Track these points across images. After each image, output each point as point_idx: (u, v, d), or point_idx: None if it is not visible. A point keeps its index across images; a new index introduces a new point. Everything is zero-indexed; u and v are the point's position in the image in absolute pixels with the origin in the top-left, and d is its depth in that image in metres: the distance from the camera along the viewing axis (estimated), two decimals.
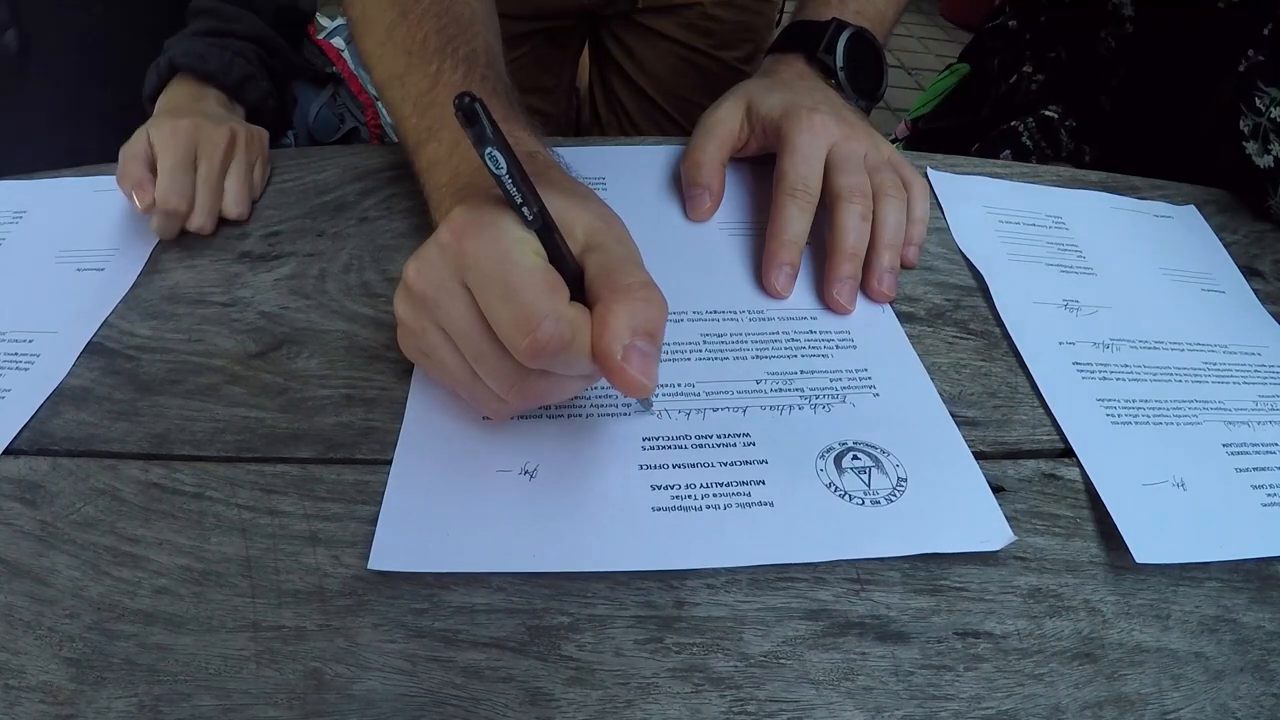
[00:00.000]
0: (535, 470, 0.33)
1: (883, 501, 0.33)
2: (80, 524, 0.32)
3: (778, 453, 0.35)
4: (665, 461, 0.34)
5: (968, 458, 0.35)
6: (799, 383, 0.38)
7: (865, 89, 0.51)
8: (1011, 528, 0.33)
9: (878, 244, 0.43)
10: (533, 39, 0.84)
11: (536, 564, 0.30)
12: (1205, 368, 0.41)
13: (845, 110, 0.48)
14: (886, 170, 0.45)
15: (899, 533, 0.32)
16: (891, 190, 0.44)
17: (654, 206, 0.48)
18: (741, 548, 0.31)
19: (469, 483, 0.33)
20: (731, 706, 0.28)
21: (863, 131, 0.46)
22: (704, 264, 0.44)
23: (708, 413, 0.36)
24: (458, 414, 0.36)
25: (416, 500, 0.32)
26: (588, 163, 0.50)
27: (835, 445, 0.35)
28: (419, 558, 0.30)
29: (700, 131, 0.49)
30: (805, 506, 0.33)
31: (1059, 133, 0.65)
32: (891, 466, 0.34)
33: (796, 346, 0.40)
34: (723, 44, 0.83)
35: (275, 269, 0.44)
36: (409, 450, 0.34)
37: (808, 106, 0.45)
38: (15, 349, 0.39)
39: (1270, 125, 0.50)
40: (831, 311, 0.42)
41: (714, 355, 0.39)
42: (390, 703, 0.28)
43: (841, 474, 0.34)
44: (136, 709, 0.27)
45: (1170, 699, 0.29)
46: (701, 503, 0.33)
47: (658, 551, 0.31)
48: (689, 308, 0.41)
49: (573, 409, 0.36)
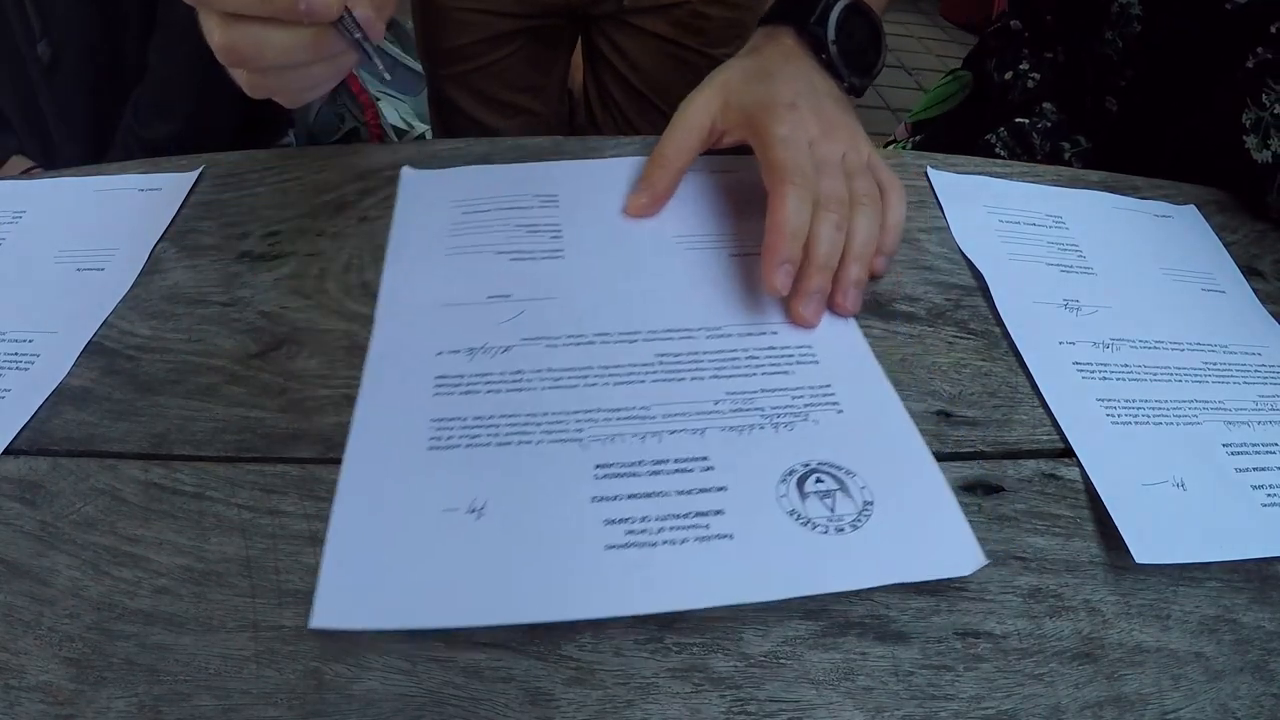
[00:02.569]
0: (483, 507, 0.32)
1: (847, 529, 0.32)
2: (80, 524, 0.32)
3: (737, 477, 0.33)
4: (619, 492, 0.33)
5: (936, 474, 0.34)
6: (759, 401, 0.37)
7: (859, 65, 0.49)
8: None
9: (846, 256, 0.41)
10: (521, 37, 0.83)
11: (486, 617, 0.29)
12: (1205, 368, 0.41)
13: (827, 102, 0.46)
14: (863, 176, 0.44)
15: (865, 563, 0.31)
16: (865, 199, 0.43)
17: (608, 224, 0.46)
18: (701, 588, 0.30)
19: (414, 526, 0.31)
20: (731, 706, 0.28)
21: (842, 130, 0.45)
22: (660, 281, 0.43)
23: (664, 435, 0.35)
24: (402, 445, 0.34)
25: (360, 549, 0.30)
26: (540, 181, 0.49)
27: (798, 467, 0.34)
28: (364, 614, 0.29)
29: (670, 127, 0.47)
30: (766, 538, 0.31)
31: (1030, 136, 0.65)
32: (857, 489, 0.33)
33: (756, 364, 0.38)
34: (714, 42, 0.83)
35: (275, 269, 0.44)
36: (351, 492, 0.32)
37: (785, 103, 0.44)
38: (15, 349, 0.39)
39: (1272, 120, 0.50)
40: (794, 326, 0.41)
41: (670, 376, 0.38)
42: (390, 703, 0.28)
43: (804, 499, 0.33)
44: (136, 709, 0.27)
45: (1170, 699, 0.29)
46: (658, 538, 0.31)
47: (613, 597, 0.29)
48: (644, 327, 0.40)
49: (523, 435, 0.35)
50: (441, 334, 0.39)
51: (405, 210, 0.47)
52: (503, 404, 0.36)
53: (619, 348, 0.39)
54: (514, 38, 0.83)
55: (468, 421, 0.35)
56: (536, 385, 0.37)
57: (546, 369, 0.38)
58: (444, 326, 0.40)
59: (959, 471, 0.35)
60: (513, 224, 0.46)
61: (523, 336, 0.39)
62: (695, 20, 0.81)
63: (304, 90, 0.37)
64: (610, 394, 0.37)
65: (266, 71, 0.35)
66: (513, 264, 0.43)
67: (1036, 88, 0.67)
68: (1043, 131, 0.65)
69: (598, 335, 0.39)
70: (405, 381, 0.37)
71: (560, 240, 0.45)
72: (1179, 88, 0.57)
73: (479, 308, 0.41)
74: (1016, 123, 0.66)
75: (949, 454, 0.36)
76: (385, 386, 0.37)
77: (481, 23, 0.81)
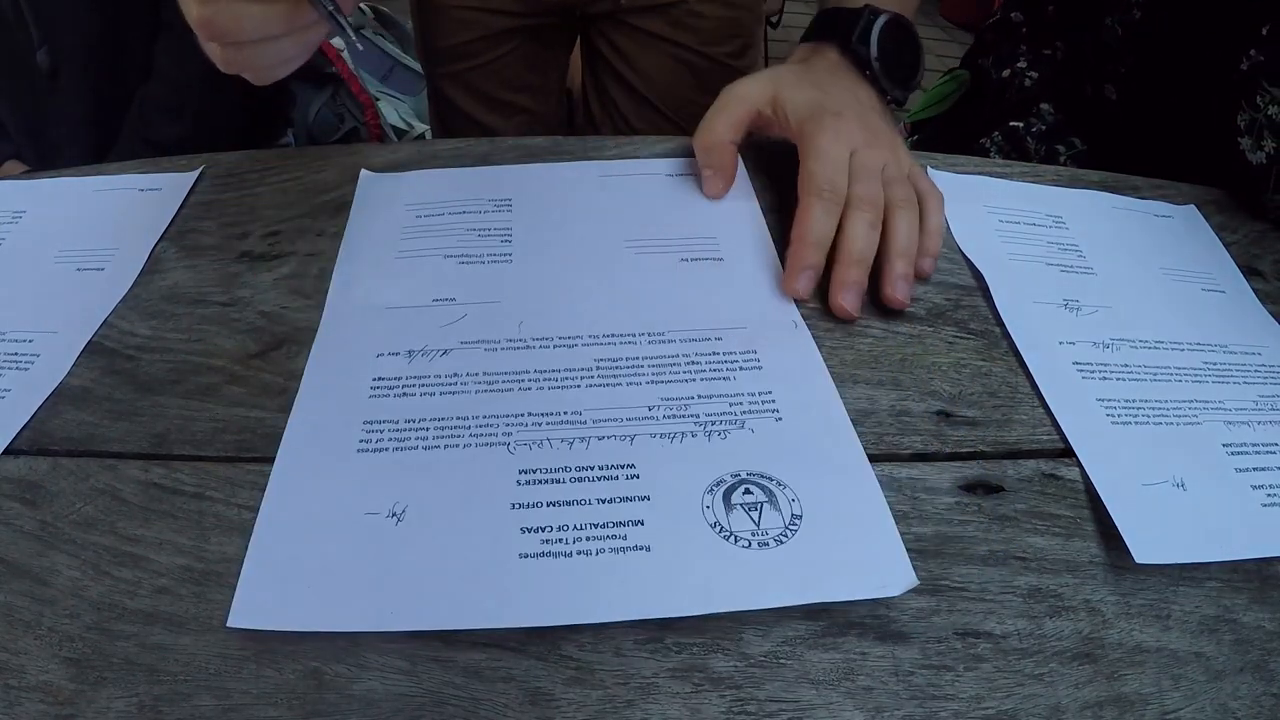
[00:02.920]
0: (404, 512, 0.31)
1: (772, 544, 0.31)
2: (80, 524, 0.32)
3: (662, 487, 0.33)
4: (540, 499, 0.32)
5: (873, 486, 0.33)
6: (695, 408, 0.36)
7: (901, 78, 0.50)
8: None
9: (890, 252, 0.43)
10: (519, 35, 0.84)
11: (397, 622, 0.29)
12: (1205, 368, 0.41)
13: (872, 115, 0.47)
14: (901, 184, 0.45)
15: (787, 581, 0.30)
16: (903, 203, 0.44)
17: (557, 227, 0.46)
18: (611, 600, 0.29)
19: (336, 530, 0.31)
20: (731, 706, 0.28)
21: (885, 140, 0.46)
22: (607, 285, 0.42)
23: (592, 441, 0.34)
24: (332, 447, 0.34)
25: (282, 551, 0.31)
26: (494, 185, 0.49)
27: (726, 478, 0.33)
28: (280, 615, 0.29)
29: (715, 107, 0.48)
30: (685, 551, 0.31)
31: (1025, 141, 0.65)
32: (786, 502, 0.32)
33: (696, 369, 0.38)
34: (711, 40, 0.83)
35: (275, 269, 0.44)
36: (278, 493, 0.32)
37: (833, 111, 0.45)
38: (15, 349, 0.39)
39: (1265, 121, 0.50)
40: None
41: (606, 381, 0.37)
42: (390, 703, 0.28)
43: (729, 511, 0.32)
44: (136, 709, 0.27)
45: (1170, 699, 0.29)
46: (573, 548, 0.30)
47: (522, 607, 0.29)
48: (584, 332, 0.39)
49: (450, 439, 0.34)
50: (383, 336, 0.39)
51: (360, 214, 0.47)
52: (435, 407, 0.36)
53: (558, 352, 0.38)
54: (512, 36, 0.83)
55: (398, 424, 0.35)
56: (470, 389, 0.37)
57: (482, 373, 0.37)
58: (386, 329, 0.40)
59: (959, 471, 0.35)
60: (464, 228, 0.46)
61: (462, 340, 0.39)
62: (692, 20, 0.81)
63: (274, 66, 0.37)
64: (543, 398, 0.36)
65: (242, 46, 0.36)
66: (460, 267, 0.43)
67: (1034, 86, 0.67)
68: (1038, 135, 0.65)
69: (537, 339, 0.39)
70: (343, 383, 0.37)
71: (510, 244, 0.45)
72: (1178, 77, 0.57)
73: (423, 310, 0.41)
74: (1011, 126, 0.66)
75: (949, 454, 0.36)
76: (323, 388, 0.37)
77: (479, 21, 0.82)
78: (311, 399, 0.36)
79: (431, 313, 0.40)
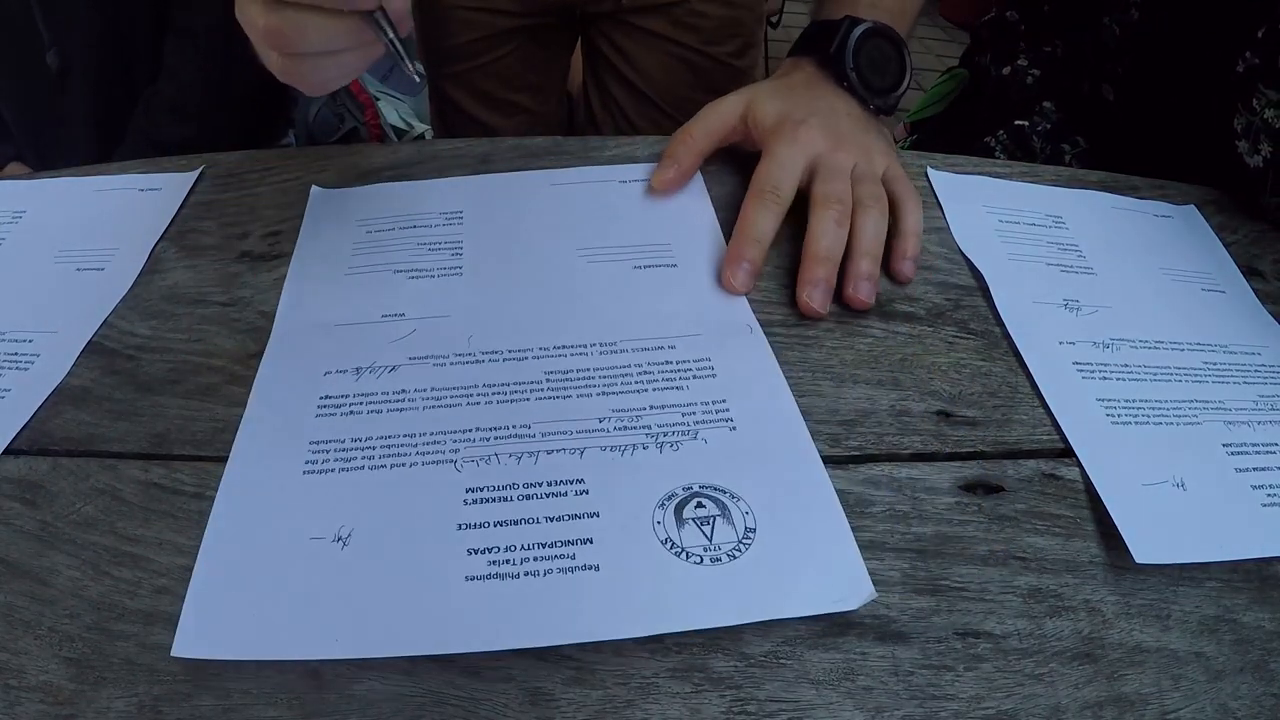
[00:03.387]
0: (349, 536, 0.31)
1: (724, 559, 0.30)
2: (80, 524, 0.32)
3: (612, 502, 0.32)
4: (486, 519, 0.31)
5: (829, 496, 0.33)
6: (647, 419, 0.35)
7: (880, 88, 0.50)
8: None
9: (855, 251, 0.43)
10: (519, 35, 0.84)
11: (344, 650, 0.28)
12: (1205, 368, 0.41)
13: (843, 120, 0.47)
14: (869, 183, 0.45)
15: (740, 597, 0.29)
16: (869, 201, 0.44)
17: (509, 238, 0.45)
18: (560, 623, 0.28)
19: (281, 555, 0.30)
20: (731, 706, 0.28)
21: (855, 143, 0.46)
22: (559, 296, 0.42)
23: (540, 456, 0.33)
24: (278, 469, 0.33)
25: (226, 577, 0.30)
26: (444, 196, 0.48)
27: (679, 491, 0.32)
28: (225, 644, 0.28)
29: (693, 118, 0.49)
30: (635, 569, 0.30)
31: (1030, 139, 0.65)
32: (740, 514, 0.32)
33: (649, 379, 0.37)
34: (712, 40, 0.83)
35: (275, 269, 0.44)
36: (223, 518, 0.32)
37: (796, 119, 0.46)
38: (15, 349, 0.39)
39: (1262, 125, 0.50)
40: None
41: (556, 394, 0.36)
42: (390, 703, 0.28)
43: (681, 526, 0.31)
44: (136, 709, 0.27)
45: (1170, 699, 0.29)
46: (520, 569, 0.30)
47: (467, 632, 0.28)
48: (534, 344, 0.39)
49: (397, 458, 0.34)
50: (331, 354, 0.38)
51: (310, 230, 0.46)
52: (382, 425, 0.35)
53: (507, 365, 0.38)
54: (513, 36, 0.84)
55: (345, 444, 0.34)
56: (419, 405, 0.36)
57: (430, 388, 0.37)
58: (334, 346, 0.39)
59: (959, 471, 0.35)
60: (414, 242, 0.45)
61: (410, 355, 0.38)
62: (692, 19, 0.81)
63: (332, 79, 0.37)
64: (491, 413, 0.35)
65: (303, 57, 0.35)
66: (410, 282, 0.43)
67: (1036, 84, 0.67)
68: (1043, 134, 0.65)
69: (486, 353, 0.38)
70: (289, 403, 0.36)
71: (460, 258, 0.44)
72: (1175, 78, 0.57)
73: (371, 327, 0.40)
74: (1016, 125, 0.66)
75: (949, 454, 0.36)
76: (269, 409, 0.36)
77: (480, 21, 0.82)
78: (257, 422, 0.35)
79: (380, 329, 0.40)
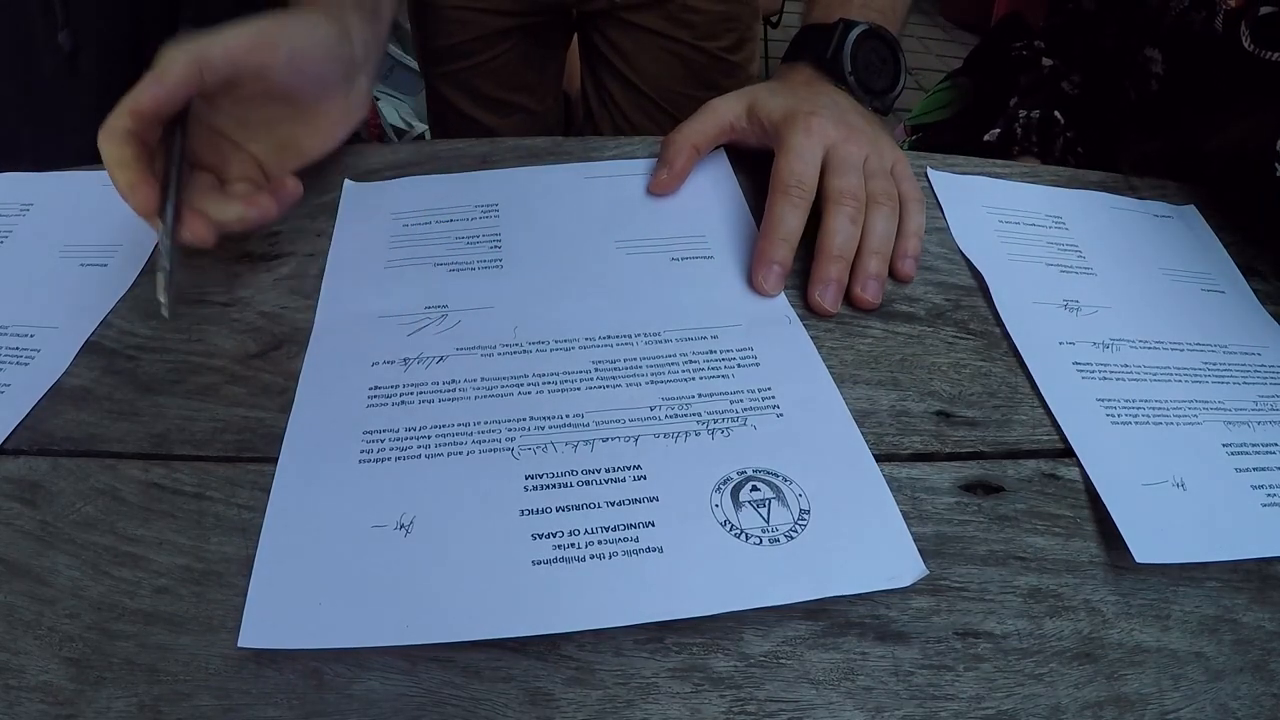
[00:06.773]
0: (411, 523, 0.31)
1: (782, 539, 0.31)
2: (80, 524, 0.32)
3: (670, 487, 0.33)
4: (548, 504, 0.32)
5: (878, 479, 0.34)
6: (696, 406, 0.36)
7: (879, 89, 0.50)
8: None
9: (864, 249, 0.43)
10: (515, 34, 0.84)
11: (411, 636, 0.28)
12: (1205, 368, 0.41)
13: (851, 114, 0.47)
14: (882, 178, 0.45)
15: (798, 575, 0.30)
16: (882, 198, 0.44)
17: (546, 231, 0.46)
18: (627, 604, 0.29)
19: (343, 543, 0.31)
20: (731, 706, 0.28)
21: (865, 135, 0.46)
22: (600, 287, 0.42)
23: (596, 444, 0.34)
24: (333, 459, 0.34)
25: (289, 568, 0.30)
26: (479, 191, 0.49)
27: (733, 475, 0.33)
28: (292, 633, 0.28)
29: (692, 117, 0.49)
30: (697, 550, 0.31)
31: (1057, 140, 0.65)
32: (794, 497, 0.32)
33: (695, 368, 0.38)
34: (706, 35, 0.83)
35: (275, 269, 0.44)
36: (281, 509, 0.32)
37: (806, 110, 0.46)
38: (17, 344, 0.39)
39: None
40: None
41: (606, 383, 0.37)
42: (390, 703, 0.28)
43: (739, 509, 0.32)
44: (136, 709, 0.27)
45: (1170, 699, 0.29)
46: (585, 552, 0.30)
47: (537, 614, 0.29)
48: (580, 334, 0.39)
49: (453, 446, 0.34)
50: (377, 345, 0.39)
51: (345, 224, 0.47)
52: (435, 414, 0.35)
53: (555, 355, 0.38)
54: (508, 35, 0.84)
55: (399, 433, 0.35)
56: (470, 395, 0.36)
57: (480, 378, 0.37)
58: (380, 337, 0.39)
59: (959, 471, 0.35)
60: (452, 235, 0.46)
61: (458, 346, 0.39)
62: (687, 14, 0.82)
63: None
64: (544, 402, 0.36)
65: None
66: (451, 274, 0.43)
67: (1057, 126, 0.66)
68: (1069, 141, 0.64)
69: (533, 343, 0.39)
70: (339, 393, 0.37)
71: (499, 250, 0.45)
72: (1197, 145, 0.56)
73: (416, 318, 0.40)
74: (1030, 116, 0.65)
75: (949, 454, 0.36)
76: (319, 399, 0.36)
77: (476, 21, 0.82)
78: (308, 410, 0.36)
79: (425, 320, 0.40)
